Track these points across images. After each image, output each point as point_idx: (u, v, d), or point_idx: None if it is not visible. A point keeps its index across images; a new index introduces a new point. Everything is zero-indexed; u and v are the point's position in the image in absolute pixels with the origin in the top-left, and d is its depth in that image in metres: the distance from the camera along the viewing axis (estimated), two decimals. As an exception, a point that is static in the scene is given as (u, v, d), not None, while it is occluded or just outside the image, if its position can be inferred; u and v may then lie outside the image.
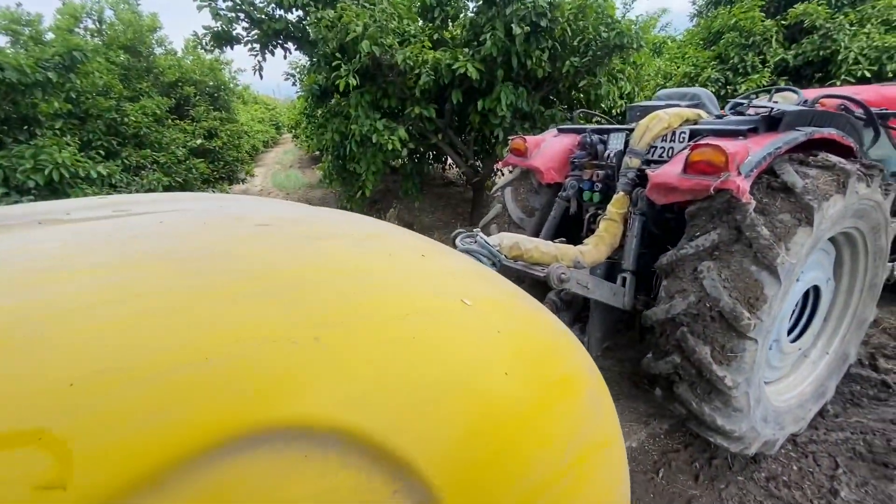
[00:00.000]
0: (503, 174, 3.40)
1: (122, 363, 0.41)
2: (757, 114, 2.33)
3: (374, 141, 5.06)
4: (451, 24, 5.68)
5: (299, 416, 0.44)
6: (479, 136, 6.50)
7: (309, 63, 6.35)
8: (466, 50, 4.93)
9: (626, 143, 2.55)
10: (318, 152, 11.09)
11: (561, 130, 3.16)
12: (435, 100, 5.60)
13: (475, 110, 5.77)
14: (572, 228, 2.92)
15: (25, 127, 5.31)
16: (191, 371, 0.42)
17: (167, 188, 7.04)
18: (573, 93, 5.85)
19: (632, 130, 2.54)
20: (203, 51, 5.57)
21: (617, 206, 2.38)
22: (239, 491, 0.39)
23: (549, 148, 2.96)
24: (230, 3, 4.96)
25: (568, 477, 0.65)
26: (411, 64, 4.73)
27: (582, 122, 5.62)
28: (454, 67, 4.70)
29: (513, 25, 4.50)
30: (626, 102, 5.40)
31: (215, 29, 5.16)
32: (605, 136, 2.71)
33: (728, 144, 1.91)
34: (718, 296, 1.85)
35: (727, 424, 1.97)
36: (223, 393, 0.42)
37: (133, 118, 7.00)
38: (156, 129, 7.50)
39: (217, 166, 9.00)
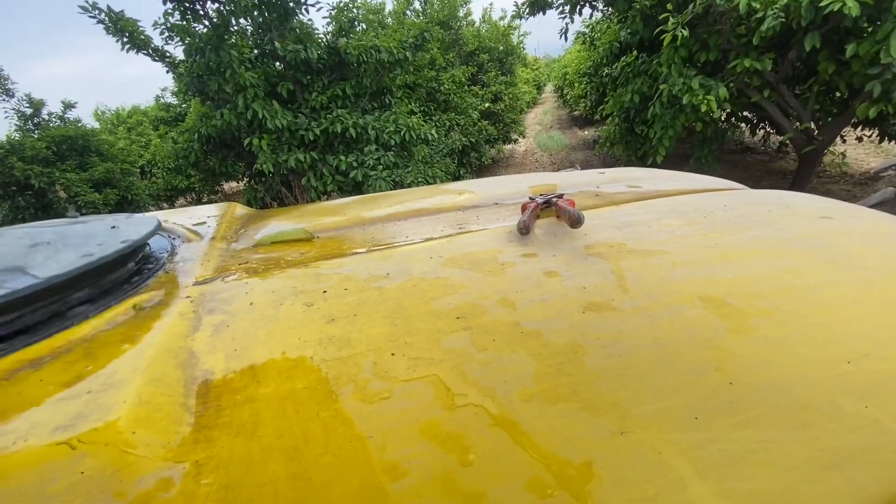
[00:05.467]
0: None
1: None
2: None
3: (683, 102, 4.55)
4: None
5: None
6: (823, 92, 5.05)
7: (610, 19, 6.09)
8: (845, -23, 3.75)
9: None
10: (590, 115, 10.85)
11: None
12: (771, 49, 4.57)
13: (829, 58, 4.47)
14: None
15: (382, 97, 6.93)
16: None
17: (464, 146, 8.20)
18: None
19: None
20: (520, 19, 5.99)
21: None
22: None
23: None
24: (552, -32, 5.13)
25: None
26: (757, 6, 3.94)
27: None
28: (822, 4, 3.67)
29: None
30: None
31: (533, -4, 5.49)
32: None
33: None
34: None
35: None
36: None
37: (445, 86, 8.29)
38: (458, 94, 8.71)
39: (498, 128, 9.91)
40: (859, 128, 5.70)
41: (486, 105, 9.69)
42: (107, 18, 4.64)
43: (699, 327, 0.52)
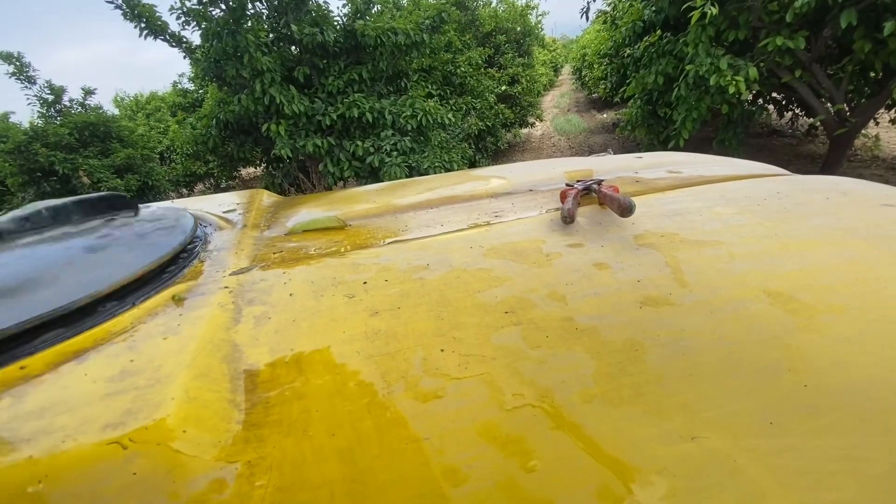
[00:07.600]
0: None
1: None
2: None
3: (711, 83, 4.38)
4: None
5: None
6: (858, 72, 4.81)
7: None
8: (890, -53, 3.53)
9: None
10: (609, 97, 10.55)
11: None
12: (805, 26, 4.35)
13: (865, 36, 4.25)
14: None
15: (398, 81, 6.83)
16: None
17: (480, 131, 8.09)
18: None
19: None
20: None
21: None
22: None
23: None
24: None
25: None
26: (792, -20, 3.74)
27: None
28: (863, -23, 3.47)
29: None
30: None
31: (554, -26, 5.32)
32: None
33: None
34: None
35: None
36: None
37: (462, 69, 8.14)
38: (475, 77, 8.55)
39: (515, 111, 9.73)
40: (893, 109, 5.44)
41: (503, 88, 9.50)
42: (124, 4, 4.64)
43: (766, 324, 0.49)
